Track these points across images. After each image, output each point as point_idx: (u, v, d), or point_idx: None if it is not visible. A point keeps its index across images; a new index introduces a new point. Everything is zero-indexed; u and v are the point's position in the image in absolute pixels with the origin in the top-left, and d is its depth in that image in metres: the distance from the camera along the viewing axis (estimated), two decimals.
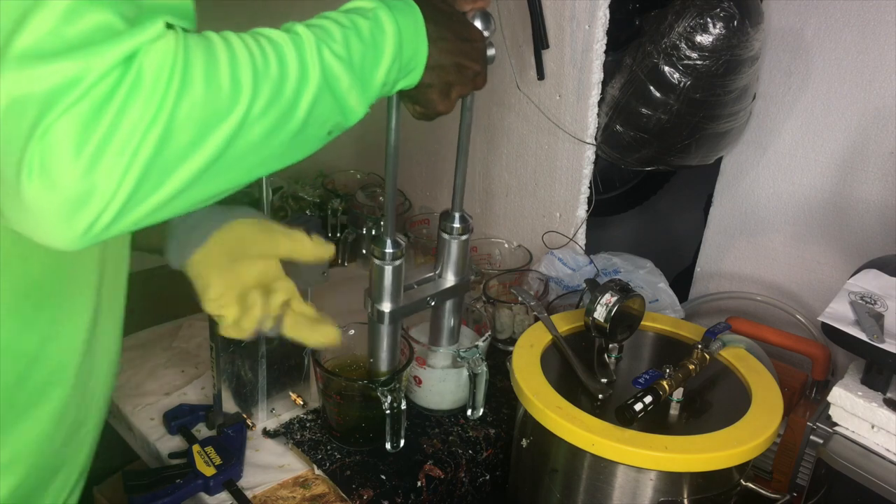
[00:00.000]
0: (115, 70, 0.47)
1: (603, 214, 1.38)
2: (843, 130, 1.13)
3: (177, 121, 0.49)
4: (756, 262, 1.28)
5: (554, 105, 1.23)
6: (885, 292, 0.92)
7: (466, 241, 0.93)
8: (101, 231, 0.49)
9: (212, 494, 0.91)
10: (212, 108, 0.51)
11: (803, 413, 0.98)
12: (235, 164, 0.54)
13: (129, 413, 1.06)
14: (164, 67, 0.49)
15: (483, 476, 1.01)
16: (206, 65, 0.51)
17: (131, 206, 0.49)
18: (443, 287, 0.94)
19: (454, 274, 0.95)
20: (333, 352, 1.01)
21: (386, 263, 0.85)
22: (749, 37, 1.04)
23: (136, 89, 0.47)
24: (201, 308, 0.78)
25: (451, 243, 0.93)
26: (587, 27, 1.14)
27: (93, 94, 0.46)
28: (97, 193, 0.47)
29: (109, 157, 0.47)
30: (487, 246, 1.36)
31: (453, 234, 0.92)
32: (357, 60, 0.62)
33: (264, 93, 0.54)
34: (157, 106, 0.48)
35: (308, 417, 1.03)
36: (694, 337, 0.96)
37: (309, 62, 0.58)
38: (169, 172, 0.50)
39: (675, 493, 0.80)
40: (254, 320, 0.78)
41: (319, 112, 0.59)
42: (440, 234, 0.93)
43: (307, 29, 0.60)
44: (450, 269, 0.95)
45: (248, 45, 0.55)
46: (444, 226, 0.92)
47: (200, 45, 0.51)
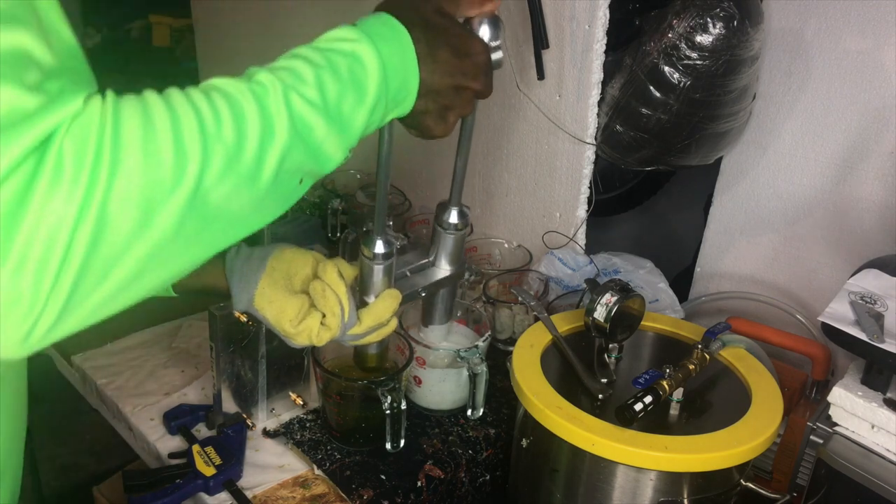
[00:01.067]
0: (29, 160, 0.40)
1: (603, 214, 1.38)
2: (843, 130, 1.13)
3: (111, 208, 0.42)
4: (756, 262, 1.28)
5: (554, 105, 1.23)
6: (885, 292, 0.92)
7: (463, 235, 0.88)
8: (43, 337, 0.43)
9: (212, 494, 0.91)
10: (153, 184, 0.44)
11: (803, 413, 0.98)
12: (194, 238, 0.48)
13: (129, 413, 1.06)
14: (87, 147, 0.41)
15: (483, 476, 1.01)
16: (142, 134, 0.44)
17: (72, 308, 0.43)
18: (436, 277, 0.88)
19: (449, 263, 0.89)
20: (333, 352, 1.01)
21: (375, 263, 0.80)
22: (749, 37, 1.04)
23: (56, 180, 0.40)
24: (201, 308, 0.78)
25: (447, 238, 0.87)
26: (587, 27, 1.14)
27: (3, 192, 0.39)
28: (28, 301, 0.41)
29: (34, 264, 0.40)
30: (487, 246, 1.36)
31: (449, 230, 0.86)
32: (334, 104, 0.55)
33: (217, 158, 0.47)
34: (84, 196, 0.41)
35: (308, 417, 1.03)
36: (694, 337, 0.96)
37: (274, 114, 0.51)
38: (112, 264, 0.44)
39: (675, 493, 0.80)
40: (336, 316, 0.76)
41: (290, 166, 0.53)
42: (435, 227, 0.87)
43: (271, 74, 0.52)
44: (444, 258, 0.88)
45: (196, 103, 0.47)
46: (441, 220, 0.86)
47: (135, 110, 0.44)
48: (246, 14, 1.82)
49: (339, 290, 0.77)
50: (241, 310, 0.79)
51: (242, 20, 1.81)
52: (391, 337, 1.01)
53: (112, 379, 1.13)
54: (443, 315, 0.94)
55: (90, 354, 1.18)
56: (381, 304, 0.80)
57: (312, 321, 0.76)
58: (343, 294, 0.77)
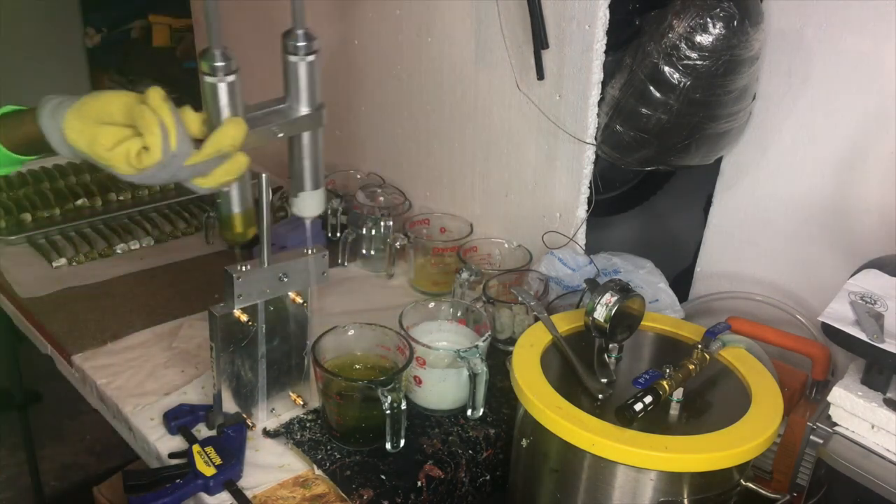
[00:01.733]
0: None
1: (603, 214, 1.38)
2: (843, 130, 1.13)
3: None
4: (756, 262, 1.28)
5: (554, 105, 1.23)
6: (885, 292, 0.92)
7: (314, 62, 0.84)
8: None
9: (212, 494, 0.91)
10: None
11: (803, 413, 0.98)
12: None
13: (129, 413, 1.06)
14: None
15: (483, 476, 1.01)
16: None
17: None
18: (293, 117, 0.84)
19: (305, 104, 0.85)
20: (333, 352, 1.01)
21: (219, 80, 0.75)
22: (749, 37, 1.04)
23: None
24: (201, 308, 0.78)
25: (299, 66, 0.83)
26: (587, 27, 1.14)
27: None
28: None
29: None
30: (487, 246, 1.36)
31: (299, 54, 0.82)
32: None
33: None
34: None
35: (308, 417, 1.03)
36: (694, 337, 0.96)
37: None
38: None
39: (675, 493, 0.80)
40: (156, 136, 0.74)
41: None
42: (285, 56, 0.83)
43: None
44: (299, 97, 0.85)
45: None
46: (288, 45, 0.82)
47: None
48: (246, 14, 1.82)
49: (161, 110, 0.74)
50: (56, 148, 0.78)
51: (242, 20, 1.81)
52: (388, 334, 1.02)
53: (112, 379, 1.13)
54: (313, 177, 0.90)
55: (90, 354, 1.18)
56: (223, 130, 0.77)
57: (131, 144, 0.74)
58: (167, 114, 0.74)
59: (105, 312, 1.29)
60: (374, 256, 1.43)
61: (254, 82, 0.85)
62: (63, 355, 1.20)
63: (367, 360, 1.03)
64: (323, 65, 0.85)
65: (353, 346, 1.03)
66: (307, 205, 0.93)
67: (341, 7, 1.59)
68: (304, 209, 0.94)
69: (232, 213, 0.88)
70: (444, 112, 1.45)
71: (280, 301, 0.98)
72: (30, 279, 1.37)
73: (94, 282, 1.38)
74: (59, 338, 1.22)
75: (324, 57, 0.85)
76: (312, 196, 0.92)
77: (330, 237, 1.49)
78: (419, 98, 1.49)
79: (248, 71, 0.81)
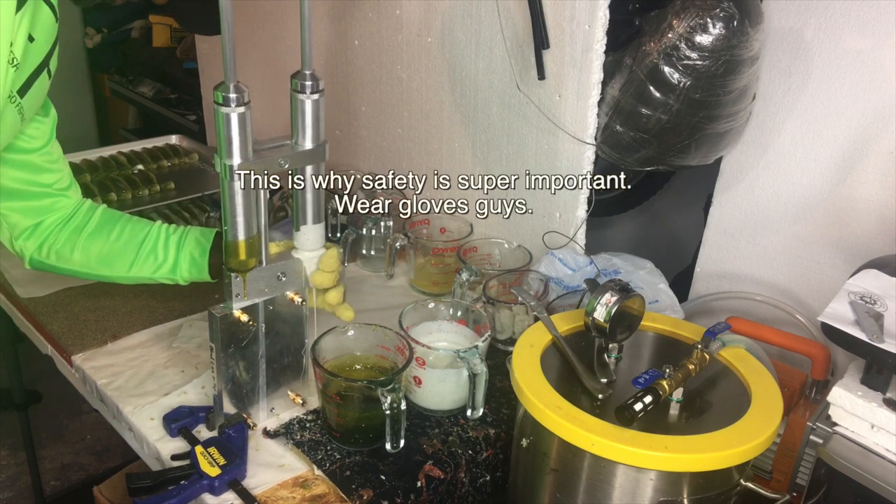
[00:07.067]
0: None
1: (603, 214, 1.38)
2: (843, 130, 1.13)
3: None
4: (756, 262, 1.28)
5: (554, 105, 1.23)
6: (885, 292, 0.92)
7: (319, 101, 0.92)
8: None
9: (217, 495, 0.91)
10: None
11: (803, 413, 0.98)
12: None
13: (129, 413, 1.06)
14: None
15: (483, 476, 1.01)
16: None
17: None
18: (297, 150, 0.92)
19: (309, 139, 0.92)
20: (333, 352, 1.01)
21: (232, 110, 0.81)
22: (749, 37, 1.04)
23: None
24: (201, 308, 0.78)
25: (305, 103, 0.91)
26: (587, 27, 1.14)
27: None
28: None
29: None
30: (487, 246, 1.36)
31: (305, 93, 0.90)
32: None
33: None
34: None
35: (308, 417, 1.03)
36: (694, 337, 0.96)
37: None
38: None
39: (675, 493, 0.80)
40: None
41: None
42: (293, 95, 0.91)
43: None
44: (305, 133, 0.92)
45: None
46: (296, 84, 0.91)
47: None
48: (246, 14, 1.82)
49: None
50: None
51: (243, 20, 1.82)
52: (388, 334, 1.02)
53: (112, 379, 1.13)
54: (315, 210, 0.95)
55: (90, 354, 1.18)
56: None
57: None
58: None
59: (105, 312, 1.29)
60: (374, 256, 1.44)
61: (255, 115, 0.89)
62: (63, 355, 1.20)
63: (366, 360, 1.03)
64: (323, 64, 0.85)
65: (353, 346, 1.03)
66: (308, 238, 0.98)
67: (341, 7, 1.59)
68: (304, 243, 0.99)
69: (238, 239, 0.90)
70: (444, 112, 1.45)
71: (279, 301, 0.98)
72: (30, 279, 1.37)
73: (95, 282, 1.38)
74: (59, 338, 1.22)
75: (324, 57, 0.85)
76: (314, 230, 0.98)
77: (330, 237, 1.49)
78: (419, 98, 1.49)
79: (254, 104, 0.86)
